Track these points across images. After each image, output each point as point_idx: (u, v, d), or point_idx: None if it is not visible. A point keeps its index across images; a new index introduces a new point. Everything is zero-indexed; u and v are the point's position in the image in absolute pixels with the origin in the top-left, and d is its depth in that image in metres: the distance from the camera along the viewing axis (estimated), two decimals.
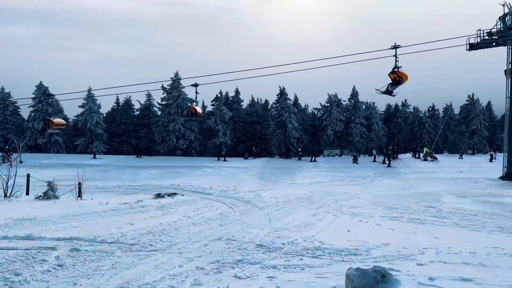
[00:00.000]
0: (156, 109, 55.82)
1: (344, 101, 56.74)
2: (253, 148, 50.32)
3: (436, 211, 13.51)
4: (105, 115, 56.57)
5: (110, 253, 7.43)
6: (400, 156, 45.21)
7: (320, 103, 56.69)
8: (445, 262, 6.89)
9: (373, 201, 16.13)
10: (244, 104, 59.88)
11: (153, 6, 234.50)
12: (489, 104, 67.04)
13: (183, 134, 50.31)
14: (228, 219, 11.69)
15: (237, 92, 58.98)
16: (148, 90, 55.25)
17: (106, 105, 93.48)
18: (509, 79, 24.72)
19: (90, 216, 11.77)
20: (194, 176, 27.86)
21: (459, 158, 44.03)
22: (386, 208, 14.16)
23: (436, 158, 41.04)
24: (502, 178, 24.94)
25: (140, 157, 45.33)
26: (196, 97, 20.58)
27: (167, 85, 51.88)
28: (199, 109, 21.49)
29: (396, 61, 17.33)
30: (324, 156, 48.12)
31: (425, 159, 41.12)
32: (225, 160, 42.50)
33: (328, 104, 54.76)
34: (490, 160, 39.47)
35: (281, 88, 52.97)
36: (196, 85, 19.59)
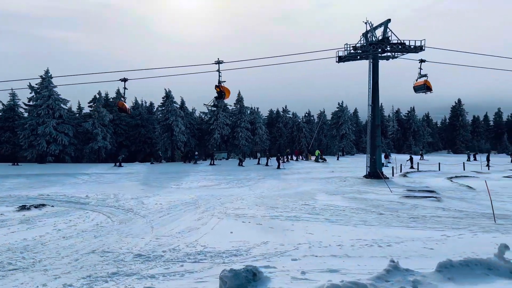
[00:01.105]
0: (22, 110, 49.48)
1: (230, 106, 58.09)
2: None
3: (311, 208, 14.61)
4: None
5: None
6: (300, 158, 48.49)
7: (208, 107, 57.08)
8: (316, 256, 7.44)
9: (256, 202, 16.72)
10: (127, 106, 56.78)
11: None
12: (355, 111, 75.53)
13: (55, 138, 45.44)
14: (105, 230, 10.87)
15: (118, 93, 55.73)
16: (12, 89, 48.66)
17: None
18: (370, 89, 28.17)
19: None
20: (68, 185, 25.36)
21: (337, 159, 48.76)
22: (268, 208, 14.81)
23: (325, 160, 45.44)
24: (366, 176, 28.20)
25: (17, 164, 39.71)
26: (124, 93, 19.56)
27: (36, 84, 46.44)
28: (127, 105, 20.84)
29: (219, 76, 17.69)
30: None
31: (317, 161, 45.02)
32: (120, 166, 39.91)
33: (215, 109, 55.42)
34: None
35: (167, 91, 51.83)
36: (125, 80, 18.78)
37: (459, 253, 7.43)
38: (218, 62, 17.43)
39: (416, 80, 18.66)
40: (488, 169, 38.04)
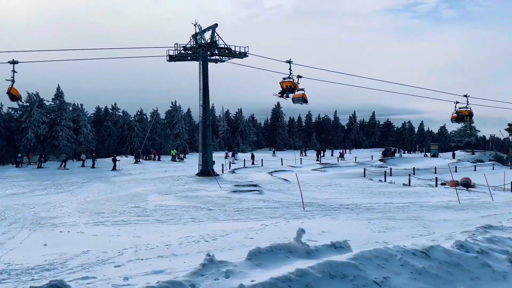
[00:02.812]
0: None
1: (48, 101, 51.36)
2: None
3: (141, 210, 14.17)
4: None
5: None
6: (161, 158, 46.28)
7: (18, 102, 48.97)
8: (142, 259, 7.24)
9: (79, 208, 15.26)
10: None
11: None
12: (189, 110, 76.82)
13: None
14: None
15: None
16: None
17: None
18: (201, 90, 29.05)
19: None
20: None
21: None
22: (92, 214, 13.69)
23: (183, 159, 45.21)
24: (198, 174, 28.97)
25: None
26: (13, 76, 16.59)
27: None
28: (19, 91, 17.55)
29: None
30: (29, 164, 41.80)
31: (174, 160, 44.52)
32: (65, 168, 34.63)
33: (28, 104, 48.11)
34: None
35: None
36: (14, 62, 16.29)
37: (274, 240, 8.32)
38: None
39: (294, 93, 20.75)
40: (320, 162, 44.82)
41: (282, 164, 41.07)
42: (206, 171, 28.23)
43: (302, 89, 20.24)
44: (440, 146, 70.24)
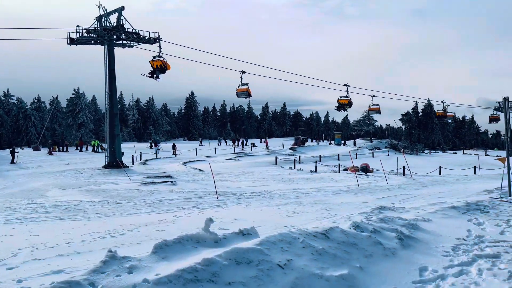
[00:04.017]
0: None
1: None
2: None
3: (39, 207, 12.99)
4: None
5: None
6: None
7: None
8: (40, 259, 6.64)
9: None
10: None
11: None
12: (94, 98, 71.80)
13: None
14: None
15: None
16: None
17: None
18: (107, 77, 27.30)
19: None
20: None
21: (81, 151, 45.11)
22: None
23: (104, 149, 42.79)
24: (105, 167, 27.37)
25: None
26: None
27: None
28: None
29: None
30: None
31: (97, 151, 42.53)
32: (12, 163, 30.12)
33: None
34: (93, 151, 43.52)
35: None
36: None
37: (186, 231, 8.22)
38: None
39: (239, 87, 20.61)
40: (235, 151, 45.77)
41: (196, 154, 40.75)
42: (114, 163, 26.82)
43: (246, 84, 20.64)
44: (343, 135, 75.72)
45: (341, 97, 23.89)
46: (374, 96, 25.30)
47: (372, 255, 5.12)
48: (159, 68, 19.97)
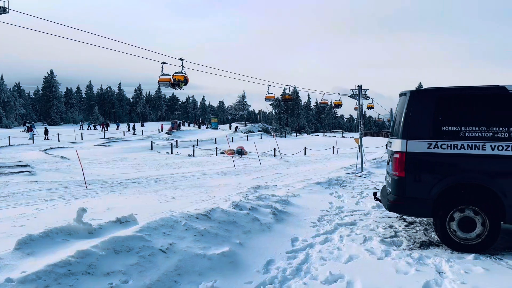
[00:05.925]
0: None
1: None
2: None
3: None
4: None
5: None
6: None
7: None
8: None
9: None
10: None
11: None
12: None
13: None
14: None
15: None
16: None
17: None
18: None
19: None
20: None
21: None
22: None
23: None
24: None
25: None
26: None
27: None
28: None
29: None
30: None
31: None
32: None
33: None
34: None
35: None
36: None
37: (51, 224, 7.43)
38: None
39: (160, 77, 18.70)
40: (104, 136, 42.54)
41: (59, 141, 36.85)
42: None
43: (183, 72, 19.05)
44: (220, 119, 77.25)
45: (176, 72, 19.84)
46: (270, 85, 26.94)
47: (250, 231, 5.40)
48: None
